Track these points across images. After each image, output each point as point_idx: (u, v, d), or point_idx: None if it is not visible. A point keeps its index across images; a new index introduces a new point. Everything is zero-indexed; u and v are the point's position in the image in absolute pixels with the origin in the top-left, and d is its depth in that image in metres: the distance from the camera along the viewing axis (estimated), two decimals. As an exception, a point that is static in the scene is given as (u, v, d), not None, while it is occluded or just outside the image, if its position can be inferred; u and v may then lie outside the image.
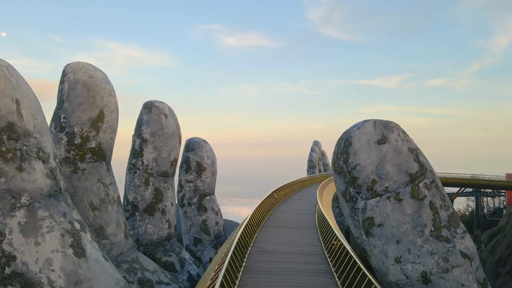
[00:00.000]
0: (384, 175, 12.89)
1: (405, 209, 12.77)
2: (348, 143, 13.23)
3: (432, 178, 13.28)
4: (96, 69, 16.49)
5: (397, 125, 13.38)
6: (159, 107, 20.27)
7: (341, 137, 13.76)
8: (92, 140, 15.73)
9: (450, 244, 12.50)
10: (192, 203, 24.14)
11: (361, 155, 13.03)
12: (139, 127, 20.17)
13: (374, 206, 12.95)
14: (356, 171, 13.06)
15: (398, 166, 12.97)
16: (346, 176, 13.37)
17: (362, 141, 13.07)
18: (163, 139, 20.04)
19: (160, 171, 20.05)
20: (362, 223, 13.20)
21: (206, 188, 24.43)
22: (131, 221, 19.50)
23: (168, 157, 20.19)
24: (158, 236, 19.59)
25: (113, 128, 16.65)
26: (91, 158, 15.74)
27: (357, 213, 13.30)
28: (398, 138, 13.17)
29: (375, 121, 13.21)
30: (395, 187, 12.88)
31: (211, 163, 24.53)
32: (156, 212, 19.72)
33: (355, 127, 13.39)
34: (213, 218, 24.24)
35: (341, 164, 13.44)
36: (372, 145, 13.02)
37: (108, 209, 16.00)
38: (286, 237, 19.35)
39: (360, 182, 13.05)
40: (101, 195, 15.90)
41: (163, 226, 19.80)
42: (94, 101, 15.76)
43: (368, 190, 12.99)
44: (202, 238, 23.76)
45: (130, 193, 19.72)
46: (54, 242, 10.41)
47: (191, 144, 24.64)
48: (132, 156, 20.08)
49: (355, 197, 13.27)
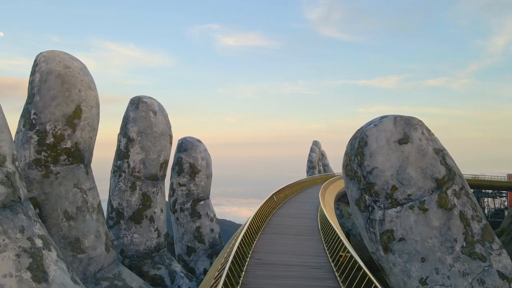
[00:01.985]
0: (406, 180, 10.93)
1: (431, 220, 10.82)
2: (364, 143, 11.26)
3: (462, 184, 11.34)
4: (73, 58, 14.50)
5: (420, 121, 11.42)
6: (147, 103, 18.29)
7: (354, 135, 11.78)
8: (67, 140, 13.75)
9: (486, 262, 10.56)
10: (184, 208, 22.12)
11: (379, 157, 11.05)
12: (125, 125, 18.20)
13: (394, 217, 10.99)
14: (373, 176, 11.09)
15: (422, 170, 11.01)
16: (360, 181, 11.40)
17: (380, 140, 11.10)
18: (151, 139, 18.05)
19: (148, 174, 18.05)
20: (379, 237, 11.24)
21: (200, 192, 22.42)
22: (116, 230, 17.50)
23: (157, 158, 18.20)
24: (145, 247, 17.60)
25: (92, 126, 14.66)
26: (66, 160, 13.75)
27: (373, 224, 11.33)
28: (422, 136, 11.21)
29: (395, 117, 11.23)
30: (419, 195, 10.92)
31: (205, 165, 22.54)
32: (144, 220, 17.73)
33: (372, 124, 11.41)
34: (207, 225, 22.23)
35: (355, 167, 11.46)
36: (392, 145, 11.05)
37: (86, 219, 14.00)
38: (287, 246, 17.86)
39: (378, 189, 11.08)
40: (77, 203, 13.90)
41: (151, 235, 17.80)
42: (69, 95, 13.78)
43: (387, 198, 11.03)
44: (196, 247, 21.75)
45: (115, 198, 17.73)
46: (7, 265, 8.45)
47: (184, 144, 22.64)
48: (117, 157, 18.10)
49: (371, 206, 11.30)
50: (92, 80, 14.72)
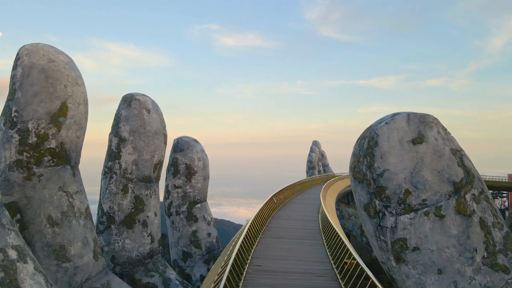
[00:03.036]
0: (420, 184, 9.94)
1: (448, 228, 9.82)
2: (374, 143, 10.26)
3: (481, 187, 10.35)
4: (59, 51, 13.47)
5: (436, 119, 10.42)
6: (140, 101, 17.26)
7: (363, 134, 10.77)
8: (51, 139, 12.72)
9: (509, 275, 9.56)
10: (180, 211, 21.09)
11: (391, 158, 10.06)
12: (117, 124, 17.16)
13: (408, 224, 10.00)
14: (384, 179, 10.10)
15: (438, 173, 10.01)
16: (370, 185, 10.40)
17: (392, 140, 10.10)
18: (144, 138, 17.02)
19: (141, 176, 17.02)
20: (391, 246, 10.25)
21: (197, 194, 21.39)
22: (106, 235, 16.47)
23: (150, 159, 17.18)
24: (138, 253, 16.56)
25: (79, 124, 13.64)
26: (50, 162, 12.73)
27: (384, 232, 10.34)
28: (438, 136, 10.22)
29: (409, 114, 10.23)
30: (435, 200, 9.93)
31: (202, 166, 21.51)
32: (136, 224, 16.69)
33: (383, 121, 10.40)
34: (204, 229, 21.19)
35: (364, 169, 10.46)
36: (406, 145, 10.05)
37: (72, 224, 12.97)
38: (288, 251, 17.08)
39: (389, 193, 10.09)
40: (63, 207, 12.88)
41: (144, 241, 16.77)
42: (54, 91, 12.76)
43: (400, 204, 10.04)
44: (192, 252, 20.72)
45: (105, 201, 16.70)
46: (-26, 281, 7.46)
47: (180, 144, 21.60)
48: (108, 158, 17.07)
49: (382, 212, 10.30)
50: (79, 75, 13.70)
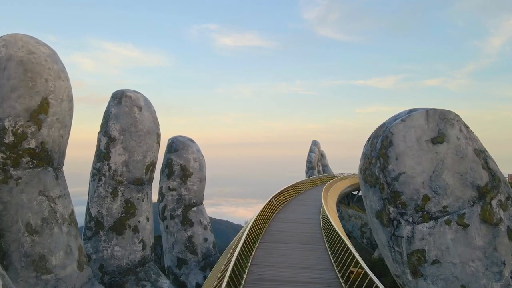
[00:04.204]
0: (441, 189, 8.84)
1: (473, 239, 8.72)
2: (388, 143, 9.15)
3: (508, 192, 9.24)
4: (40, 43, 12.32)
5: (457, 115, 9.31)
6: (131, 98, 16.11)
7: (375, 133, 9.65)
8: (30, 139, 11.57)
9: (543, 292, 8.49)
10: (175, 215, 19.94)
11: (408, 159, 8.95)
12: (106, 122, 16.01)
13: (427, 234, 8.90)
14: (400, 183, 9.00)
15: (461, 176, 8.91)
16: (383, 189, 9.29)
17: (408, 139, 9.00)
18: (136, 138, 15.87)
19: (132, 178, 15.87)
20: (406, 258, 9.14)
21: (193, 197, 20.23)
22: (94, 242, 15.31)
23: (142, 160, 16.03)
24: (128, 261, 15.41)
25: (63, 122, 12.48)
26: (29, 163, 11.58)
27: (399, 242, 9.23)
28: (460, 135, 9.11)
29: (428, 111, 9.11)
30: (457, 207, 8.83)
31: (198, 167, 20.36)
32: (126, 230, 15.54)
33: (398, 118, 9.28)
34: (200, 234, 20.05)
35: (377, 172, 9.35)
36: (424, 145, 8.95)
37: (53, 232, 11.82)
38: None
39: (406, 199, 8.99)
40: (43, 213, 11.73)
41: (135, 247, 15.62)
42: (34, 86, 11.61)
43: (418, 211, 8.93)
44: (187, 258, 19.57)
45: (94, 206, 15.55)
46: None
47: (174, 143, 20.45)
48: (97, 159, 15.92)
49: (397, 220, 9.20)
50: (62, 69, 12.54)
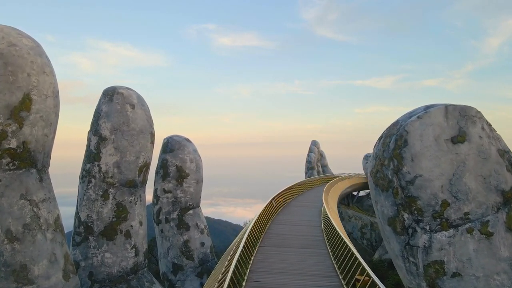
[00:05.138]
0: (462, 193, 7.95)
1: (498, 249, 7.84)
2: (403, 142, 8.26)
3: (535, 197, 8.37)
4: (23, 34, 11.40)
5: (479, 112, 8.42)
6: (123, 95, 15.19)
7: (388, 131, 8.76)
8: (11, 138, 10.65)
9: None
10: (170, 219, 19.01)
11: (425, 161, 8.07)
12: (96, 120, 15.09)
13: (446, 243, 8.01)
14: (416, 187, 8.12)
15: (484, 179, 8.03)
16: (397, 194, 8.40)
17: (426, 138, 8.11)
18: (128, 137, 14.95)
19: (124, 180, 14.95)
20: (423, 270, 8.25)
21: (189, 199, 19.31)
22: (83, 248, 14.39)
23: (135, 160, 15.11)
24: (120, 268, 14.49)
25: (47, 120, 11.56)
26: (10, 164, 10.65)
27: (414, 253, 8.35)
28: (482, 133, 8.23)
29: (447, 107, 8.22)
30: (480, 214, 7.95)
31: (195, 168, 19.43)
32: (118, 235, 14.61)
33: (413, 115, 8.38)
34: (197, 238, 19.12)
35: (390, 175, 8.46)
36: (443, 144, 8.07)
37: (36, 239, 10.90)
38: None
39: (422, 205, 8.11)
40: (25, 219, 10.80)
41: (128, 254, 14.70)
42: (15, 80, 10.69)
43: (436, 218, 8.05)
44: (184, 264, 18.65)
45: (83, 209, 14.62)
46: None
47: (170, 143, 19.52)
48: (86, 160, 14.99)
49: (413, 227, 8.31)
50: (47, 63, 11.61)
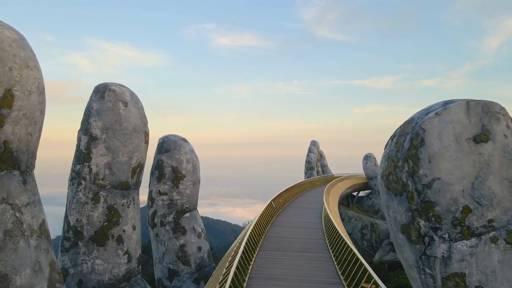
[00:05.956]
0: (486, 198, 7.16)
1: (526, 260, 7.07)
2: (419, 142, 7.46)
3: None
4: (5, 26, 10.53)
5: (503, 108, 7.62)
6: (115, 92, 14.38)
7: (402, 130, 7.95)
8: (-10, 137, 9.83)
9: None
10: (166, 222, 18.19)
11: (444, 162, 7.27)
12: (87, 119, 14.27)
13: (467, 254, 7.22)
14: (433, 191, 7.32)
15: (510, 183, 7.22)
16: (412, 198, 7.60)
17: (445, 137, 7.31)
18: (120, 137, 14.14)
19: (116, 182, 14.13)
20: (441, 283, 7.45)
21: (186, 202, 18.50)
22: (72, 255, 13.56)
23: (128, 161, 14.29)
24: (111, 276, 13.67)
25: (31, 118, 10.71)
26: (-11, 166, 9.83)
27: (431, 264, 7.55)
28: (507, 132, 7.43)
29: (468, 102, 7.41)
30: (505, 221, 7.15)
31: (192, 169, 18.62)
32: (109, 240, 13.80)
33: (431, 111, 7.57)
34: (194, 242, 18.31)
35: (404, 178, 7.66)
36: (465, 144, 7.27)
37: (18, 246, 10.06)
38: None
39: (441, 211, 7.31)
40: (6, 224, 9.94)
41: (119, 260, 13.88)
42: (-5, 75, 9.86)
43: (456, 226, 7.26)
44: (180, 269, 17.83)
45: (72, 213, 13.80)
46: None
47: (166, 143, 18.69)
48: (76, 160, 14.18)
49: (430, 236, 7.51)
50: (31, 57, 10.77)
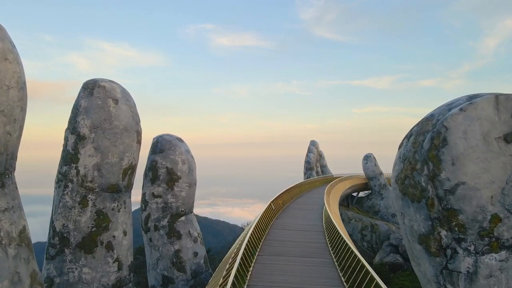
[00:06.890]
0: (518, 206, 6.31)
1: None
2: (441, 141, 6.58)
3: None
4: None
5: (536, 104, 6.75)
6: (105, 88, 13.45)
7: (420, 127, 7.06)
8: (-37, 136, 8.92)
9: None
10: (160, 226, 17.27)
11: (470, 164, 6.40)
12: (74, 117, 13.35)
13: (496, 268, 6.35)
14: (457, 198, 6.45)
15: (545, 188, 6.38)
16: (432, 205, 6.72)
17: (471, 136, 6.44)
18: (110, 136, 13.22)
19: (106, 184, 13.21)
20: (466, 301, 6.59)
21: (181, 205, 17.57)
22: (58, 262, 12.64)
23: (118, 162, 13.37)
24: (100, 285, 12.74)
25: (10, 115, 9.77)
26: (-39, 168, 8.91)
27: (454, 279, 6.67)
28: (541, 130, 6.57)
29: (497, 96, 6.54)
30: (540, 231, 6.30)
31: (187, 170, 17.69)
32: (98, 247, 12.87)
33: (454, 106, 6.68)
34: (190, 248, 17.38)
35: (423, 182, 6.77)
36: (494, 144, 6.39)
37: (-6, 256, 9.16)
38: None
39: (465, 220, 6.44)
40: (-19, 233, 9.06)
41: (109, 268, 12.95)
42: (-32, 68, 8.95)
43: (483, 237, 6.39)
44: (175, 276, 16.91)
45: (58, 218, 12.87)
46: None
47: (160, 143, 17.76)
48: (63, 161, 13.25)
49: (452, 248, 6.63)
50: (10, 49, 9.81)
